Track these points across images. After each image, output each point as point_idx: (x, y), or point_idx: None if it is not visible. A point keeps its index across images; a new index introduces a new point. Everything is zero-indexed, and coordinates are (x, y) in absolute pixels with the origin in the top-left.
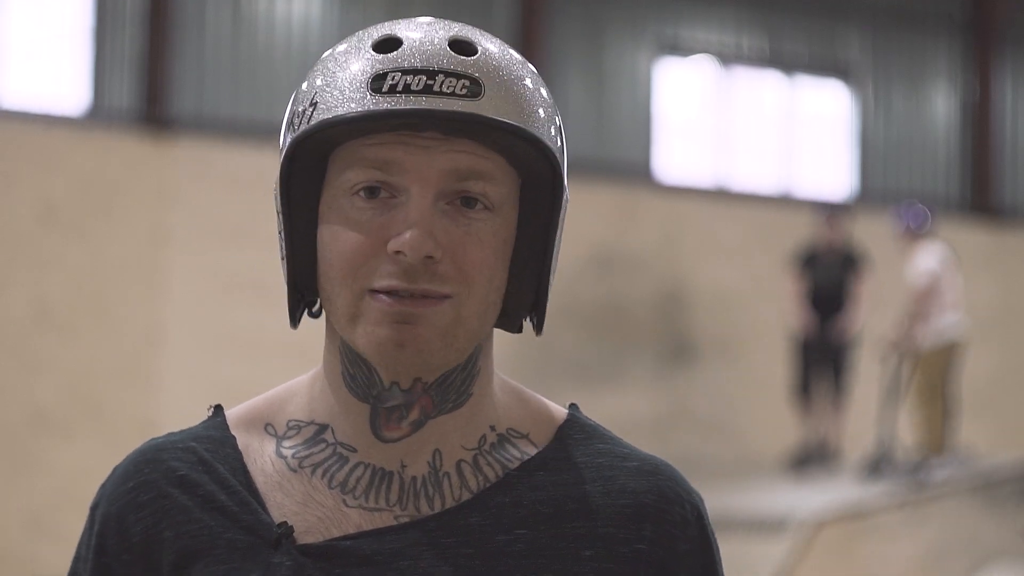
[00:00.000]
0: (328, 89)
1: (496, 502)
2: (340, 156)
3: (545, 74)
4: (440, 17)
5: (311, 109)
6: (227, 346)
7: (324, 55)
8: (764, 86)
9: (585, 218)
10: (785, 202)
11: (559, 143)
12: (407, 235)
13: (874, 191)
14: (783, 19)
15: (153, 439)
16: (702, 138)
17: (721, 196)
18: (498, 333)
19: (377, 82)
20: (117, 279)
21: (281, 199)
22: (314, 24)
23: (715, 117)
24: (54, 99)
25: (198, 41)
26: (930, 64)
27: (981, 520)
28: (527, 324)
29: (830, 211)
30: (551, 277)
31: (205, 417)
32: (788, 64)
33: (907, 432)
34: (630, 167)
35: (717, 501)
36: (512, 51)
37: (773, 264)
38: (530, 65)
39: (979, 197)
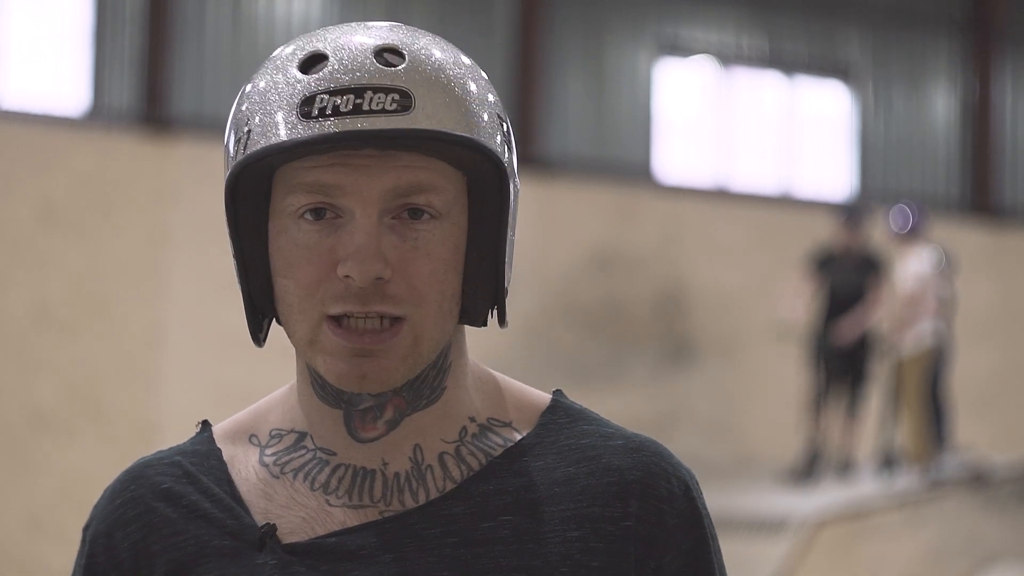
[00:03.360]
0: (262, 111)
1: (480, 490)
2: (281, 179)
3: (545, 74)
4: (440, 16)
5: (246, 136)
6: (227, 346)
7: (272, 54)
8: (764, 86)
9: (585, 218)
10: (785, 202)
11: (503, 131)
12: (353, 260)
13: (874, 191)
14: (783, 19)
15: (141, 457)
16: (702, 138)
17: (721, 196)
18: (496, 332)
19: (306, 107)
20: (117, 279)
21: (229, 224)
22: (314, 24)
23: (715, 117)
24: (54, 99)
25: (198, 41)
26: (930, 64)
27: (981, 520)
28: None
29: (849, 213)
30: (507, 270)
31: (211, 415)
32: (788, 64)
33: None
34: (630, 167)
35: (717, 501)
36: (460, 55)
37: (773, 264)
38: (479, 70)
39: (979, 197)
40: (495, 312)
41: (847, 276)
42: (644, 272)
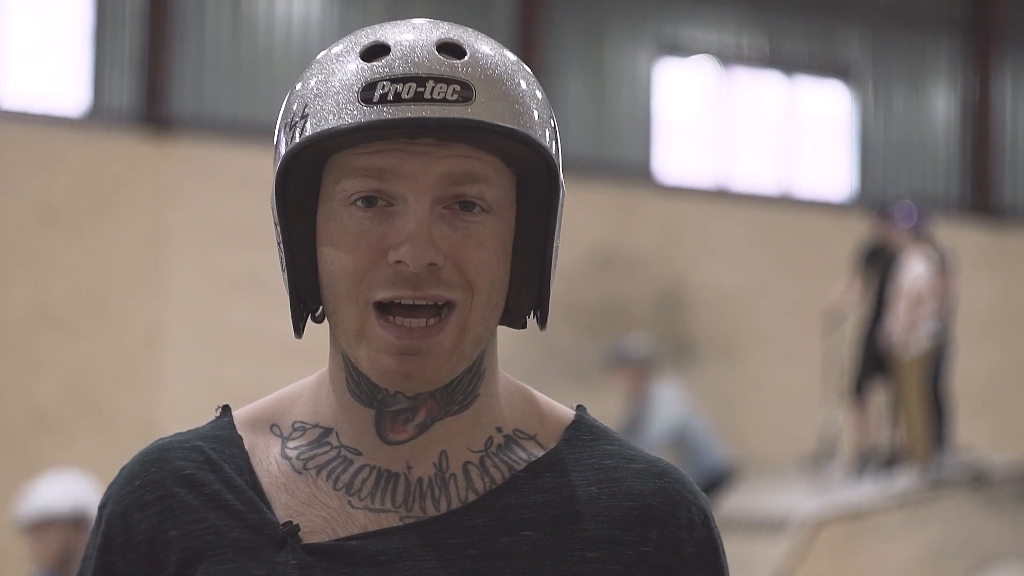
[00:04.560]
0: (319, 99)
1: (502, 503)
2: (334, 166)
3: (545, 74)
4: (440, 16)
5: (303, 121)
6: (227, 346)
7: (318, 57)
8: (764, 86)
9: (585, 218)
10: (785, 202)
11: (554, 143)
12: (407, 245)
13: (874, 191)
14: (783, 19)
15: (160, 439)
16: (702, 138)
17: (721, 196)
18: (498, 331)
19: (367, 92)
20: (117, 279)
21: (278, 210)
22: (314, 24)
23: (715, 117)
24: (54, 99)
25: (198, 41)
26: (930, 64)
27: (981, 520)
28: (531, 320)
29: (881, 207)
30: (552, 272)
31: (212, 417)
32: (788, 64)
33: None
34: (630, 167)
35: (718, 501)
36: (506, 51)
37: (773, 264)
38: (524, 66)
39: (979, 197)
40: (534, 318)
41: (891, 269)
42: (644, 272)
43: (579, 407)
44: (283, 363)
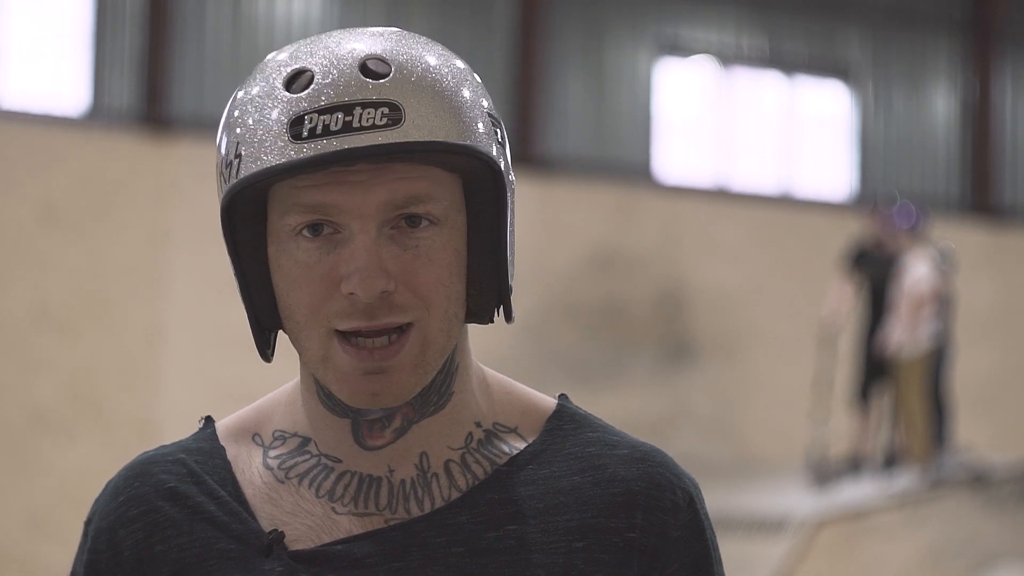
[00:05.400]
0: (249, 137)
1: (486, 499)
2: (276, 198)
3: (545, 74)
4: (440, 17)
5: (237, 161)
6: (227, 346)
7: (238, 95)
8: (764, 86)
9: (585, 218)
10: (785, 202)
11: (494, 129)
12: (356, 277)
13: (874, 191)
14: (783, 19)
15: (144, 452)
16: (702, 138)
17: (721, 196)
18: (495, 332)
19: (296, 127)
20: (117, 279)
21: (228, 247)
22: (314, 24)
23: (715, 117)
24: (54, 99)
25: (198, 41)
26: (930, 64)
27: (981, 520)
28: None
29: (874, 206)
30: (510, 267)
31: (200, 421)
32: (788, 64)
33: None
34: (630, 167)
35: (717, 501)
36: (432, 45)
37: (773, 264)
38: (456, 61)
39: (979, 197)
40: (500, 310)
41: (883, 268)
42: (644, 272)
43: (561, 396)
44: (282, 363)
